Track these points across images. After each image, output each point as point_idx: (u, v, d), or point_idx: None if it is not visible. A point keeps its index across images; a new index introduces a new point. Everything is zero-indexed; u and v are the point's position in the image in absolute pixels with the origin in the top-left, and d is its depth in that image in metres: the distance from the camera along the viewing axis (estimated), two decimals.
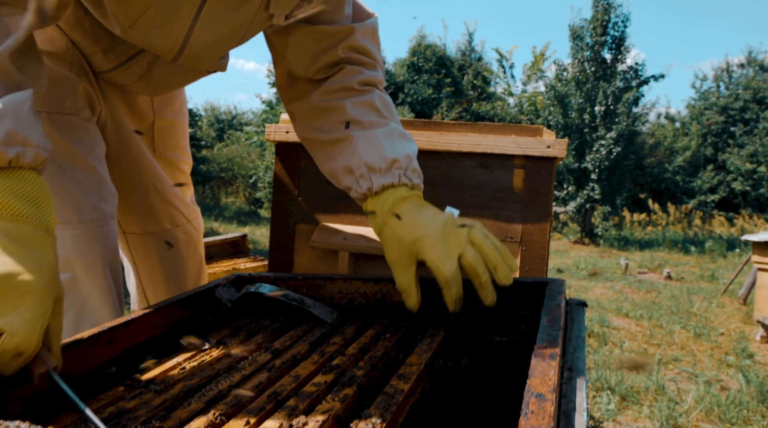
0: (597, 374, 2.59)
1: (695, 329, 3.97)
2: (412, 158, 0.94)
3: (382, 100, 1.00)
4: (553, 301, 0.76)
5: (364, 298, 1.00)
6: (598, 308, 4.53)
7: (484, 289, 0.84)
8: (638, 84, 11.13)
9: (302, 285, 1.03)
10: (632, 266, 7.28)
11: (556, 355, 0.59)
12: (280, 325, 0.95)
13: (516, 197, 1.20)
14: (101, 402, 0.69)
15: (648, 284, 5.92)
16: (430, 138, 1.22)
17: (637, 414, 2.22)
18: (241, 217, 11.11)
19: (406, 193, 0.91)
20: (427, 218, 0.88)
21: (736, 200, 16.18)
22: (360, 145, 0.93)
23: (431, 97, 14.61)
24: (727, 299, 5.24)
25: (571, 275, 6.41)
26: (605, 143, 10.50)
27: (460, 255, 0.84)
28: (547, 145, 1.17)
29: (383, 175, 0.91)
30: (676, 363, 3.08)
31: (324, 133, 0.99)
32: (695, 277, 6.73)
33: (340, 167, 0.96)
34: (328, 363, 0.78)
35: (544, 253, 1.18)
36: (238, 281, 1.06)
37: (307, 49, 0.99)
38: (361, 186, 0.93)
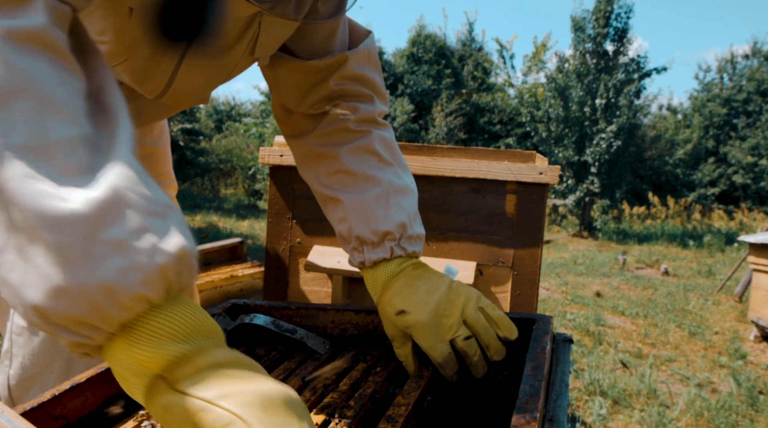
0: (590, 377, 2.63)
1: (690, 327, 4.00)
2: (406, 224, 0.90)
3: (382, 141, 0.95)
4: (538, 344, 0.78)
5: (356, 329, 1.02)
6: (594, 305, 4.57)
7: (475, 367, 0.87)
8: (640, 77, 11.10)
9: (296, 315, 1.05)
10: (630, 261, 7.31)
11: (537, 410, 0.61)
12: (274, 356, 0.98)
13: (508, 222, 1.22)
14: None
15: (645, 281, 5.95)
16: (423, 163, 1.23)
17: (629, 418, 2.26)
18: (240, 210, 11.13)
19: (400, 265, 0.89)
20: (420, 300, 0.86)
21: (736, 193, 16.19)
22: (350, 213, 0.90)
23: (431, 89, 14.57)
24: (723, 296, 5.28)
25: (568, 270, 6.44)
26: (605, 136, 10.50)
27: (453, 338, 0.85)
28: (539, 171, 1.18)
29: (375, 249, 0.89)
30: (669, 364, 3.11)
31: (319, 184, 0.96)
32: (692, 273, 6.77)
33: (335, 227, 0.94)
34: (320, 402, 0.80)
35: (535, 278, 1.20)
36: (233, 310, 1.08)
37: (297, 85, 0.96)
38: (355, 259, 0.92)
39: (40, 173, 0.47)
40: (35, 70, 0.50)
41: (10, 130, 0.48)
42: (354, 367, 0.93)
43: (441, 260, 1.25)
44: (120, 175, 0.50)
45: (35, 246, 0.47)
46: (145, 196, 0.51)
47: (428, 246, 1.27)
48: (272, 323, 1.02)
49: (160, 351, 0.49)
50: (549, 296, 4.88)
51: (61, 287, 0.47)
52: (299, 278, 1.33)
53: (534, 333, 0.84)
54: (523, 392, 0.65)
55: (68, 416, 0.74)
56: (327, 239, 1.31)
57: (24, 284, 0.48)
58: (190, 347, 0.50)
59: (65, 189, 0.48)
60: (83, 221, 0.47)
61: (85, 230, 0.47)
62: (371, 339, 1.01)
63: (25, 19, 0.51)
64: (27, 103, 0.49)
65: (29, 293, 0.48)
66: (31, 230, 0.47)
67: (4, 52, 0.49)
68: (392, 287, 0.88)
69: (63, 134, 0.50)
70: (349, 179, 0.91)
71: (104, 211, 0.48)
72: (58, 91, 0.51)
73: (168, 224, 0.52)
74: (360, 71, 0.95)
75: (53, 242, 0.47)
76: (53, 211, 0.47)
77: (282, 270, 1.33)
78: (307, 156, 0.98)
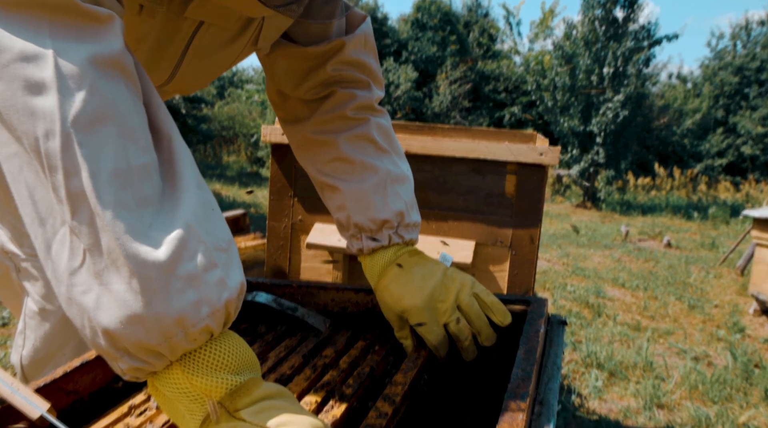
0: (587, 349, 2.67)
1: (690, 300, 4.03)
2: (404, 213, 0.92)
3: (379, 129, 0.96)
4: (532, 328, 0.80)
5: (355, 307, 1.04)
6: (595, 277, 4.60)
7: (465, 351, 0.90)
8: (650, 44, 10.88)
9: (297, 293, 1.07)
10: (633, 233, 7.32)
11: (528, 395, 0.63)
12: (275, 334, 1.00)
13: (507, 203, 1.22)
14: (110, 420, 0.75)
15: (647, 253, 5.97)
16: (424, 143, 1.23)
17: (624, 391, 2.31)
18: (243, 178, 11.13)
19: (397, 252, 0.92)
20: (416, 286, 0.88)
21: (744, 164, 16.05)
22: (349, 201, 0.91)
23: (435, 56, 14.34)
24: (725, 269, 5.30)
25: (570, 241, 6.47)
26: (612, 106, 10.37)
27: (447, 323, 0.88)
28: (539, 152, 1.18)
29: (373, 237, 0.91)
30: (667, 337, 3.16)
31: (317, 170, 0.97)
32: (695, 245, 6.78)
33: (333, 214, 0.96)
34: (320, 380, 0.83)
35: (533, 258, 1.22)
36: None
37: (294, 70, 0.96)
38: (354, 246, 0.94)
39: (128, 203, 0.50)
40: (117, 97, 0.52)
41: (101, 155, 0.50)
42: (354, 345, 0.96)
43: (440, 238, 1.26)
44: (193, 210, 0.54)
45: (117, 273, 0.50)
46: (214, 231, 0.55)
47: (428, 225, 1.28)
48: (274, 301, 1.04)
49: (220, 381, 0.54)
50: (550, 267, 4.91)
51: (138, 315, 0.50)
52: (301, 254, 1.35)
53: (528, 316, 0.86)
54: (515, 376, 0.67)
55: (80, 391, 0.77)
56: (328, 217, 1.32)
57: (98, 308, 0.50)
58: (243, 378, 0.55)
59: (149, 225, 0.51)
60: (165, 256, 0.50)
61: (166, 265, 0.50)
62: (370, 318, 1.03)
63: (107, 44, 0.53)
64: (113, 129, 0.51)
65: (103, 317, 0.50)
66: (116, 258, 0.49)
67: (93, 79, 0.50)
68: (389, 274, 0.90)
69: (141, 162, 0.52)
70: (348, 167, 0.92)
71: (181, 248, 0.51)
72: (134, 118, 0.53)
73: (231, 259, 0.56)
74: (357, 57, 0.95)
75: (137, 273, 0.49)
76: (140, 247, 0.50)
77: (284, 247, 1.35)
78: (305, 143, 0.98)
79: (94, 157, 0.49)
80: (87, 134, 0.49)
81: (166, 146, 0.57)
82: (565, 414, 2.03)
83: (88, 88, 0.50)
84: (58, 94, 0.49)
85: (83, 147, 0.49)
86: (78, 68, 0.50)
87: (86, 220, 0.49)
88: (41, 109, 0.48)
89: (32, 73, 0.48)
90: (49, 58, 0.49)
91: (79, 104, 0.49)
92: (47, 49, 0.49)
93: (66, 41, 0.50)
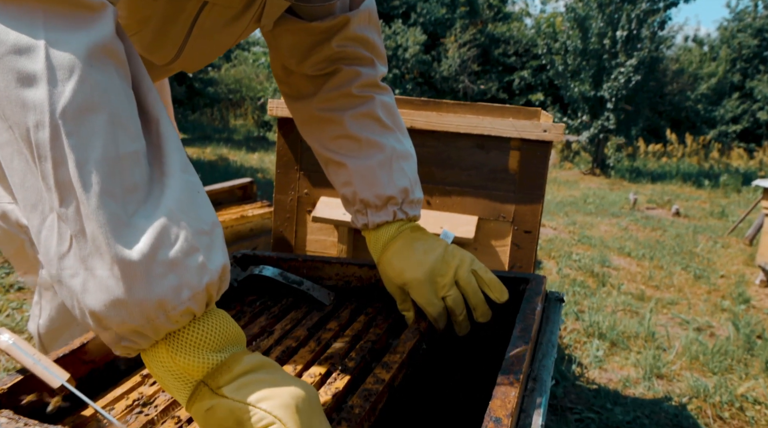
0: (590, 319, 2.71)
1: (696, 270, 4.05)
2: (408, 189, 0.94)
3: (383, 107, 0.97)
4: (529, 305, 0.83)
5: (359, 281, 1.07)
6: (601, 246, 4.62)
7: (459, 325, 0.94)
8: (666, 6, 10.57)
9: (302, 266, 1.10)
10: (641, 201, 7.29)
11: (521, 372, 0.66)
12: (281, 306, 1.04)
13: (511, 178, 1.23)
14: (125, 388, 0.79)
15: (655, 221, 5.96)
16: (429, 118, 1.24)
17: (624, 361, 2.35)
18: (250, 142, 11.11)
19: (400, 228, 0.95)
20: (417, 260, 0.91)
21: (759, 130, 15.75)
22: (355, 177, 0.93)
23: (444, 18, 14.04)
24: (734, 238, 5.29)
25: (577, 209, 6.46)
26: (624, 70, 10.16)
27: (445, 296, 0.91)
28: (543, 129, 1.18)
29: (378, 213, 0.94)
30: (671, 307, 3.19)
31: (322, 147, 0.98)
32: (704, 213, 6.75)
33: (338, 190, 0.98)
34: (324, 353, 0.86)
35: (536, 233, 1.23)
36: (244, 260, 1.13)
37: (299, 45, 0.96)
38: (358, 220, 0.97)
39: (114, 191, 0.52)
40: (108, 86, 0.53)
41: (89, 145, 0.51)
42: (357, 318, 0.99)
43: (444, 214, 1.28)
44: (174, 197, 0.55)
45: (100, 259, 0.52)
46: (196, 216, 0.56)
47: (431, 200, 1.30)
48: (280, 274, 1.07)
49: (201, 360, 0.56)
50: (556, 235, 4.93)
51: (121, 300, 0.53)
52: (306, 227, 1.38)
53: (526, 294, 0.88)
54: (510, 353, 0.69)
55: (96, 361, 0.81)
56: (334, 191, 1.34)
57: (85, 291, 0.53)
58: (226, 355, 0.58)
59: (132, 213, 0.53)
60: (146, 246, 0.52)
61: (147, 252, 0.52)
62: (373, 292, 1.06)
63: (99, 33, 0.53)
64: (102, 119, 0.52)
65: (89, 299, 0.53)
66: (99, 245, 0.52)
67: (83, 69, 0.51)
68: (392, 248, 0.93)
69: (130, 149, 0.53)
70: (354, 144, 0.94)
71: (163, 236, 0.53)
72: (125, 106, 0.54)
73: (213, 242, 0.58)
74: (361, 33, 0.96)
75: (118, 261, 0.51)
76: (122, 236, 0.52)
77: (290, 220, 1.37)
78: (310, 120, 1.00)
79: (81, 147, 0.51)
80: (76, 124, 0.51)
81: (155, 130, 0.58)
82: (565, 384, 2.08)
83: (78, 79, 0.51)
84: (48, 86, 0.50)
85: (71, 137, 0.51)
86: (69, 59, 0.51)
87: (72, 208, 0.51)
88: (32, 100, 0.50)
89: (24, 66, 0.50)
90: (40, 49, 0.50)
91: (69, 95, 0.50)
92: (39, 40, 0.50)
93: (59, 32, 0.51)
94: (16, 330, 2.19)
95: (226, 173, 6.53)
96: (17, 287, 2.58)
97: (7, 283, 2.59)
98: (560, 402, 1.95)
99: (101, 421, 0.71)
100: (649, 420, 1.88)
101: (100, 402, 0.75)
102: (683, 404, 2.03)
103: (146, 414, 0.73)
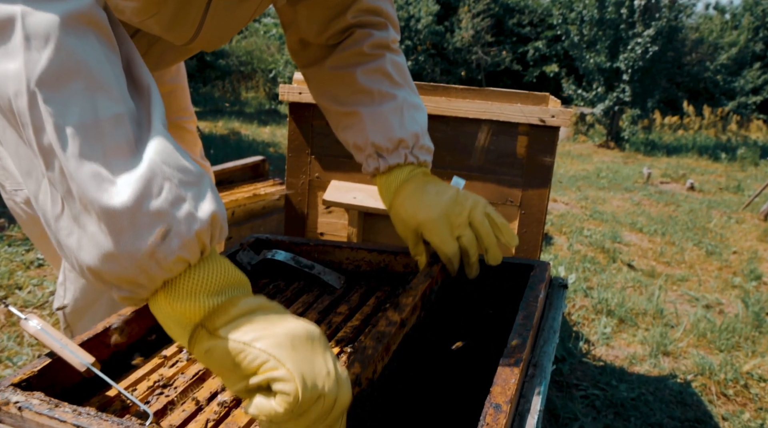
0: (599, 296, 2.73)
1: (708, 246, 4.04)
2: (419, 134, 0.97)
3: (394, 64, 1.01)
4: (532, 293, 0.85)
5: (369, 266, 1.10)
6: (613, 222, 4.61)
7: (470, 267, 0.95)
8: None
9: (314, 250, 1.13)
10: (655, 175, 7.22)
11: (522, 360, 0.69)
12: (293, 290, 1.07)
13: (518, 163, 1.25)
14: (146, 370, 0.83)
15: (668, 196, 5.92)
16: (438, 104, 1.25)
17: (632, 338, 2.38)
18: (262, 115, 11.10)
19: (411, 172, 0.96)
20: (430, 201, 0.93)
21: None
22: (368, 123, 0.96)
23: None
24: (748, 214, 5.24)
25: (590, 183, 6.42)
26: (642, 41, 9.93)
27: (459, 236, 0.93)
28: (551, 114, 1.19)
29: (390, 155, 0.96)
30: (681, 284, 3.20)
31: (336, 103, 1.02)
32: (720, 188, 6.68)
33: (350, 141, 1.00)
34: (334, 336, 0.90)
35: (542, 217, 1.25)
36: (257, 244, 1.17)
37: (316, 18, 0.99)
38: (369, 165, 0.99)
39: (94, 152, 0.54)
40: (86, 52, 0.55)
41: (65, 110, 0.53)
42: (366, 302, 1.02)
43: None
44: (157, 150, 0.56)
45: (88, 216, 0.55)
46: (181, 167, 0.57)
47: None
48: (292, 258, 1.10)
49: (198, 304, 0.57)
50: (567, 211, 4.92)
51: (112, 253, 0.55)
52: (318, 210, 1.40)
53: (530, 280, 0.90)
54: (512, 341, 0.72)
55: (118, 344, 0.86)
56: (344, 174, 1.36)
57: (80, 249, 0.56)
58: (223, 298, 0.58)
59: (115, 170, 0.54)
60: (129, 197, 0.54)
61: (131, 204, 0.54)
62: (382, 276, 1.09)
63: (76, 1, 0.55)
64: (79, 85, 0.54)
65: (84, 256, 0.56)
66: (85, 203, 0.54)
67: (59, 36, 0.53)
68: (404, 191, 0.95)
69: (112, 112, 0.55)
70: (366, 97, 0.97)
71: (146, 187, 0.54)
72: (106, 71, 0.56)
73: (201, 192, 0.58)
74: (375, 4, 0.99)
75: (104, 215, 0.54)
76: (104, 191, 0.54)
77: (301, 203, 1.40)
78: (323, 79, 1.03)
79: (59, 112, 0.53)
80: (52, 90, 0.53)
81: (145, 98, 0.60)
82: (572, 360, 2.12)
83: (54, 47, 0.53)
84: (25, 55, 0.52)
85: (48, 104, 0.53)
86: (44, 28, 0.52)
87: (57, 171, 0.54)
88: (12, 71, 0.52)
89: (2, 36, 0.52)
90: (17, 20, 0.52)
91: (45, 63, 0.52)
92: (16, 12, 0.52)
93: (35, 2, 0.53)
94: (38, 305, 2.27)
95: (238, 148, 6.56)
96: (37, 264, 2.66)
97: (27, 260, 2.66)
98: (566, 379, 1.99)
99: (125, 401, 0.76)
100: (653, 397, 1.91)
101: (123, 383, 0.80)
102: (688, 381, 2.06)
103: (166, 395, 0.77)
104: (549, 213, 4.65)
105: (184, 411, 0.74)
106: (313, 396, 0.53)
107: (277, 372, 0.53)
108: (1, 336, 2.03)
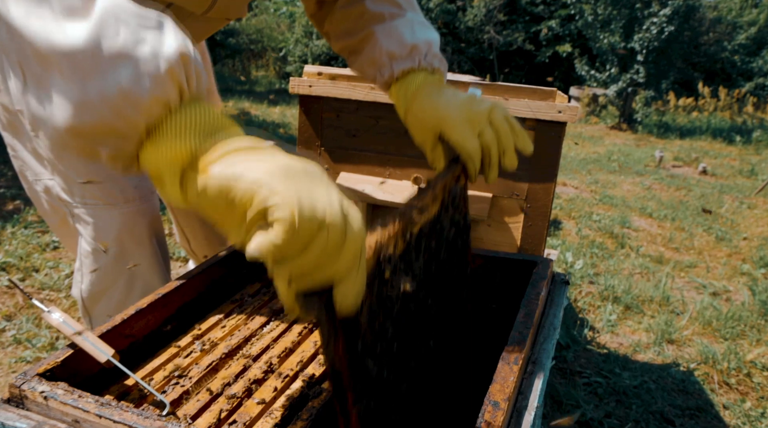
0: (605, 283, 2.75)
1: (718, 232, 4.02)
2: (431, 43, 0.98)
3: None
4: (534, 290, 0.88)
5: None
6: (623, 206, 4.59)
7: (491, 169, 0.91)
8: None
9: None
10: (667, 158, 7.15)
11: (520, 359, 0.71)
12: None
13: (524, 158, 1.26)
14: (161, 360, 0.87)
15: (680, 180, 5.87)
16: None
17: (637, 325, 2.40)
18: (271, 94, 11.08)
19: (426, 77, 0.96)
20: (448, 100, 0.92)
21: None
22: (381, 36, 0.98)
23: None
24: (761, 199, 5.20)
25: (600, 167, 6.39)
26: (657, 20, 9.74)
27: (480, 133, 0.89)
28: (558, 110, 1.20)
29: (403, 61, 0.97)
30: (689, 271, 3.20)
31: (350, 35, 1.05)
32: (733, 172, 6.61)
33: (365, 60, 1.02)
34: None
35: (547, 211, 1.27)
36: None
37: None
38: (384, 74, 0.99)
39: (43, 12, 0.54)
40: None
41: None
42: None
43: None
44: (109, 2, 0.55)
45: (51, 72, 0.54)
46: (136, 13, 0.56)
47: None
48: None
49: (184, 144, 0.55)
50: (577, 195, 4.91)
51: (82, 101, 0.54)
52: None
53: (533, 277, 0.93)
54: (512, 339, 0.75)
55: (135, 335, 0.90)
56: (353, 166, 1.38)
57: (53, 111, 0.55)
58: (211, 140, 0.56)
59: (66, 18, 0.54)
60: (85, 42, 0.53)
61: (88, 44, 0.53)
62: None
63: None
64: None
65: (58, 115, 0.55)
66: (42, 59, 0.54)
67: None
68: (421, 94, 0.94)
69: None
70: (377, 19, 1.01)
71: (101, 28, 0.54)
72: None
73: (164, 33, 0.57)
74: None
75: (64, 59, 0.53)
76: (58, 40, 0.53)
77: None
78: (337, 21, 1.06)
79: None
80: None
81: None
82: (576, 348, 2.15)
83: None
84: None
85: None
86: None
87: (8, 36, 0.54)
88: None
89: None
90: None
91: None
92: None
93: None
94: (54, 288, 2.33)
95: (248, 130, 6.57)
96: (53, 247, 2.72)
97: (43, 243, 2.72)
98: (570, 366, 2.02)
99: (143, 390, 0.80)
100: (656, 385, 1.94)
101: (140, 373, 0.84)
102: (691, 370, 2.08)
103: (182, 385, 0.81)
104: (558, 197, 4.64)
105: (199, 401, 0.78)
106: (312, 225, 0.48)
107: (271, 200, 0.49)
108: (19, 317, 2.09)
